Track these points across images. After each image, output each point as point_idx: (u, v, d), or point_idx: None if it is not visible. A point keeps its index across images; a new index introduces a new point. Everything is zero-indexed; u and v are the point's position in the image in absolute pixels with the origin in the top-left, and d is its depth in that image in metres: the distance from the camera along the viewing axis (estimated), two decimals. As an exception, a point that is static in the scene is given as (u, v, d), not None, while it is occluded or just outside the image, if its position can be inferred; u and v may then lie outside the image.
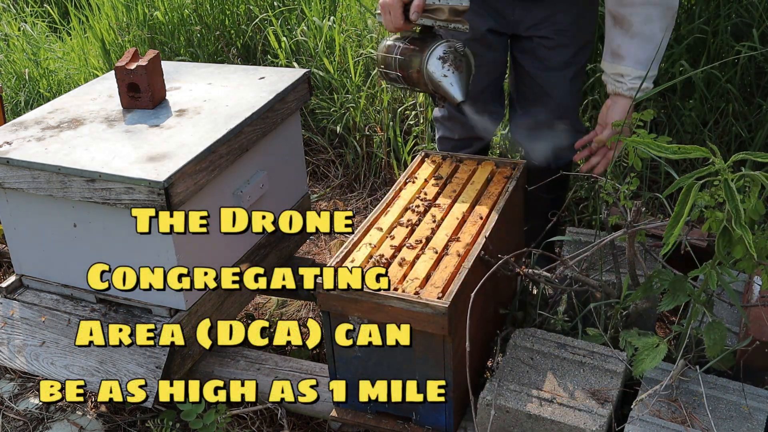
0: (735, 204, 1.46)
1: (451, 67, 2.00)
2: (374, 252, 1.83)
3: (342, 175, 3.52)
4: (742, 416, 1.68)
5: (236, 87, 2.30)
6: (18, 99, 4.07)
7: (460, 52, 2.01)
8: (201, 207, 2.00)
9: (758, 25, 2.72)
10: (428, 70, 2.01)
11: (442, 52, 2.01)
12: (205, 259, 2.05)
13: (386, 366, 1.78)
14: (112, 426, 2.22)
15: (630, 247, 1.90)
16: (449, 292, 1.66)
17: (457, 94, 2.00)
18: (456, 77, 2.00)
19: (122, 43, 4.05)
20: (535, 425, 1.71)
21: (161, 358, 1.97)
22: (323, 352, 2.43)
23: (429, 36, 2.07)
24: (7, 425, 2.24)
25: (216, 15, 3.92)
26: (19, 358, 2.12)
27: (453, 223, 1.90)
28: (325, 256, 3.03)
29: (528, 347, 1.89)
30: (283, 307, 2.74)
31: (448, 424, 1.79)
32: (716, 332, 1.68)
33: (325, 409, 2.02)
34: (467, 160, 2.17)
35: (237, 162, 2.11)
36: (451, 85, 2.00)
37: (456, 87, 2.00)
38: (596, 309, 2.01)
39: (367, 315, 1.72)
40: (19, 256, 2.19)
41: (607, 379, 1.78)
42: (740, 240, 1.54)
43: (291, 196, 2.44)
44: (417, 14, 2.01)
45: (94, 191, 1.91)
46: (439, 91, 2.03)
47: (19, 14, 4.81)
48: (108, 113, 2.20)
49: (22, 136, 2.08)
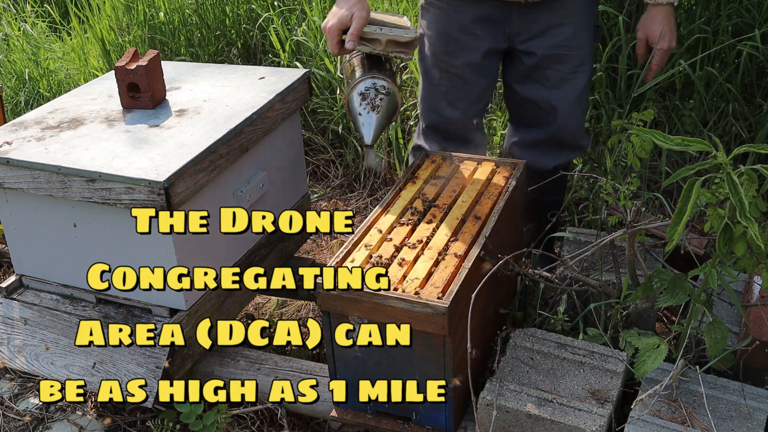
0: (739, 196, 1.45)
1: (368, 107, 1.94)
2: (374, 252, 1.83)
3: (342, 175, 3.51)
4: (742, 416, 1.68)
5: (236, 87, 2.30)
6: (18, 99, 4.07)
7: (383, 92, 1.95)
8: (201, 207, 2.00)
9: (759, 25, 2.72)
10: (348, 103, 1.97)
11: (363, 89, 1.96)
12: (205, 259, 2.05)
13: (386, 366, 1.78)
14: (112, 426, 2.22)
15: (630, 247, 1.90)
16: (449, 292, 1.66)
17: (366, 136, 1.94)
18: (369, 118, 1.94)
19: (122, 44, 4.05)
20: (535, 425, 1.71)
21: (161, 358, 1.97)
22: (323, 352, 2.43)
23: (374, 63, 2.02)
24: (7, 425, 2.24)
25: (217, 15, 3.92)
26: (19, 358, 2.12)
27: (453, 223, 1.90)
28: (325, 256, 3.02)
29: (528, 347, 1.88)
30: (283, 307, 2.74)
31: (448, 424, 1.79)
32: (717, 332, 1.68)
33: (325, 409, 2.02)
34: (467, 160, 2.18)
35: (237, 162, 2.11)
36: (362, 125, 1.94)
37: (367, 128, 1.94)
38: (596, 309, 2.01)
39: (367, 315, 1.72)
40: (19, 256, 2.19)
41: (607, 379, 1.78)
42: (741, 237, 1.54)
43: (291, 196, 2.44)
44: (352, 43, 1.99)
45: (94, 191, 1.91)
46: (355, 126, 1.98)
47: (19, 14, 4.81)
48: (108, 113, 2.20)
49: (22, 136, 2.08)
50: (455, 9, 2.22)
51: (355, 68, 2.07)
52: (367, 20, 2.01)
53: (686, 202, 1.51)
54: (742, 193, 1.45)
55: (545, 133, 2.33)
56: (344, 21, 1.99)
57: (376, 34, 1.99)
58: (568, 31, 2.21)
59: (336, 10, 2.03)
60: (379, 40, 1.99)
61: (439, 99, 2.34)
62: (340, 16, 2.00)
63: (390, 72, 2.06)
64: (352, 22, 1.99)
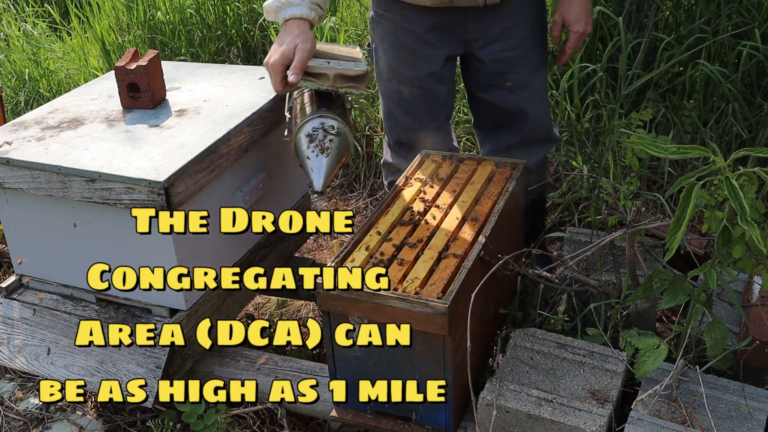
0: (739, 201, 1.45)
1: (316, 149, 1.79)
2: (374, 252, 1.83)
3: (342, 175, 3.52)
4: (742, 416, 1.68)
5: (236, 87, 2.30)
6: (18, 99, 4.07)
7: (333, 132, 1.81)
8: (201, 207, 2.00)
9: (759, 25, 2.72)
10: (295, 146, 1.84)
11: (311, 129, 1.82)
12: (205, 259, 2.05)
13: (386, 366, 1.78)
14: (112, 426, 2.22)
15: (630, 247, 1.90)
16: (449, 292, 1.66)
17: (315, 182, 1.79)
18: (319, 162, 1.79)
19: (122, 43, 4.05)
20: (535, 425, 1.71)
21: (161, 358, 1.97)
22: (323, 352, 2.43)
23: (323, 100, 1.90)
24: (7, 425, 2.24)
25: (218, 14, 3.92)
26: (19, 358, 2.12)
27: (453, 223, 1.90)
28: (325, 256, 3.03)
29: (528, 347, 1.88)
30: (283, 307, 2.74)
31: (448, 424, 1.79)
32: (717, 332, 1.68)
33: (325, 409, 2.02)
34: (467, 160, 2.17)
35: (237, 162, 2.11)
36: (311, 169, 1.80)
37: (316, 173, 1.79)
38: (596, 309, 2.01)
39: (367, 315, 1.72)
40: (19, 256, 2.19)
41: (607, 379, 1.78)
42: (740, 239, 1.54)
43: (291, 196, 2.44)
44: (295, 76, 1.89)
45: (94, 191, 1.91)
46: (304, 170, 1.84)
47: (19, 14, 4.81)
48: (108, 113, 2.20)
49: (22, 136, 2.08)
50: (408, 20, 2.17)
51: (303, 106, 1.95)
52: (312, 52, 1.92)
53: (685, 209, 1.51)
54: (742, 197, 1.45)
55: (518, 136, 2.31)
56: (287, 55, 1.91)
57: (323, 68, 1.87)
58: (524, 31, 2.20)
59: (276, 46, 1.95)
60: (327, 74, 1.87)
61: (403, 114, 2.30)
62: (282, 51, 1.92)
63: (341, 110, 1.93)
64: (295, 56, 1.90)
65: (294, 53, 1.91)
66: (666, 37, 2.88)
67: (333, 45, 2.15)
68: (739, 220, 1.45)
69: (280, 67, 1.93)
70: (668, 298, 1.72)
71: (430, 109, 2.29)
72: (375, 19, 2.26)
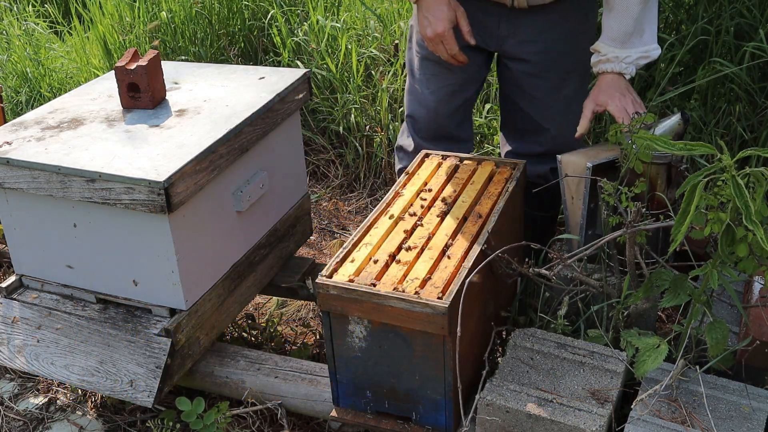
0: (744, 200, 1.45)
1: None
2: (374, 252, 1.83)
3: (342, 175, 3.51)
4: (742, 416, 1.68)
5: (236, 87, 2.30)
6: (18, 99, 4.07)
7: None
8: (201, 207, 2.00)
9: (762, 25, 2.71)
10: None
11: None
12: (205, 259, 2.05)
13: (386, 366, 1.78)
14: (112, 426, 2.22)
15: (630, 247, 1.90)
16: (449, 292, 1.66)
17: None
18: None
19: (124, 42, 4.05)
20: (535, 425, 1.70)
21: (161, 358, 1.97)
22: (323, 352, 2.43)
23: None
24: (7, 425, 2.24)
25: (222, 14, 3.92)
26: (19, 358, 2.12)
27: (453, 223, 1.90)
28: (325, 257, 3.03)
29: (528, 347, 1.88)
30: (283, 307, 2.74)
31: (448, 424, 1.79)
32: (718, 332, 1.68)
33: (325, 409, 2.02)
34: (467, 160, 2.17)
35: (237, 162, 2.11)
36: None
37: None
38: (598, 310, 2.01)
39: (367, 315, 1.72)
40: (19, 256, 2.19)
41: (607, 379, 1.78)
42: (743, 239, 1.53)
43: (291, 196, 2.44)
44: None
45: (94, 191, 1.91)
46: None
47: (20, 13, 4.81)
48: (108, 113, 2.20)
49: (22, 136, 2.08)
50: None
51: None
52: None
53: (690, 202, 1.51)
54: (747, 197, 1.44)
55: (540, 147, 2.30)
56: (452, 19, 2.03)
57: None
58: (558, 38, 2.17)
59: (432, 17, 2.03)
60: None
61: (421, 87, 2.31)
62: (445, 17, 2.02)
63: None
64: (459, 20, 2.02)
65: (457, 18, 2.04)
66: (668, 37, 2.88)
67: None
68: (744, 219, 1.44)
69: (451, 32, 2.02)
70: (670, 297, 1.72)
71: (444, 88, 2.28)
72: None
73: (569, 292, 2.04)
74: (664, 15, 3.08)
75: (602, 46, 2.03)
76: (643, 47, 2.00)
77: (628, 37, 1.97)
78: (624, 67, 2.01)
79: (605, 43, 2.02)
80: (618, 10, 1.97)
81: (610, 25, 1.99)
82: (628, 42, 1.98)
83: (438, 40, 2.03)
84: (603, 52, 2.02)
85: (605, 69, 2.03)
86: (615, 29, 1.98)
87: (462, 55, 2.08)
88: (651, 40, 2.01)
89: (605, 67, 2.03)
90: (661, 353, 1.69)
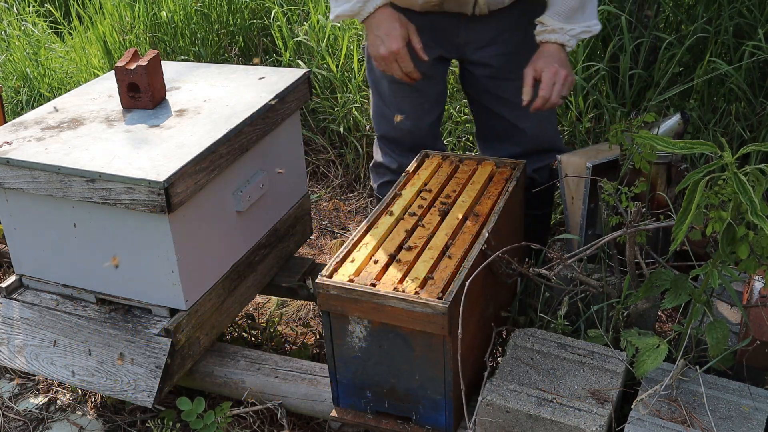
0: (748, 195, 1.44)
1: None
2: (374, 252, 1.83)
3: (342, 175, 3.51)
4: (742, 416, 1.68)
5: (236, 87, 2.30)
6: (18, 99, 4.07)
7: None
8: (201, 207, 2.00)
9: (762, 24, 2.72)
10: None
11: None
12: (205, 259, 2.05)
13: (386, 366, 1.78)
14: (112, 426, 2.22)
15: (630, 247, 1.90)
16: (449, 292, 1.66)
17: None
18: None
19: (124, 42, 4.05)
20: (535, 425, 1.70)
21: (161, 358, 1.97)
22: (323, 352, 2.43)
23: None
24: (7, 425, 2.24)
25: (223, 14, 3.92)
26: (19, 358, 2.12)
27: (453, 223, 1.90)
28: (325, 257, 3.02)
29: (528, 347, 1.88)
30: (283, 307, 2.74)
31: (448, 424, 1.79)
32: (718, 331, 1.68)
33: (325, 409, 2.02)
34: (467, 160, 2.17)
35: (237, 162, 2.11)
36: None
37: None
38: (598, 310, 2.01)
39: (367, 315, 1.72)
40: (19, 256, 2.19)
41: (607, 379, 1.78)
42: (744, 239, 1.53)
43: (291, 196, 2.44)
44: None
45: (94, 191, 1.91)
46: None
47: (20, 14, 4.81)
48: (108, 113, 2.20)
49: (22, 136, 2.08)
50: None
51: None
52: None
53: (691, 201, 1.51)
54: (751, 192, 1.44)
55: (519, 147, 2.30)
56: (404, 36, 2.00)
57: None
58: (518, 36, 2.17)
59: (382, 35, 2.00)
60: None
61: (392, 110, 2.31)
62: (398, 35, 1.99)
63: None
64: (411, 37, 2.00)
65: (409, 35, 2.01)
66: (667, 36, 2.88)
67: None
68: (749, 214, 1.44)
69: (405, 49, 1.99)
70: (671, 297, 1.72)
71: (418, 108, 2.29)
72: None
73: (569, 292, 2.04)
74: (664, 15, 3.08)
75: (548, 19, 2.05)
76: (586, 22, 2.05)
77: (574, 12, 2.01)
78: (567, 39, 2.04)
79: (551, 17, 2.04)
80: None
81: (556, 1, 2.03)
82: (573, 17, 2.02)
83: (392, 59, 2.00)
84: (548, 24, 2.04)
85: (549, 39, 2.06)
86: (561, 4, 2.02)
87: (416, 72, 2.05)
88: (592, 17, 2.06)
89: (549, 36, 2.05)
90: (661, 353, 1.69)
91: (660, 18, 3.05)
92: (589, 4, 2.04)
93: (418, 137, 2.34)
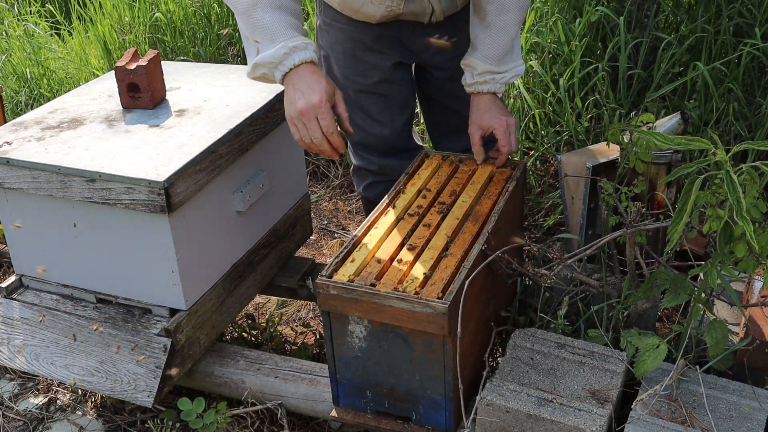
0: (736, 195, 1.45)
1: None
2: (374, 252, 1.83)
3: (342, 175, 3.51)
4: (742, 416, 1.68)
5: (236, 87, 2.30)
6: (18, 99, 4.07)
7: None
8: (201, 207, 2.00)
9: (760, 24, 2.72)
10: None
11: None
12: (205, 259, 2.05)
13: (386, 366, 1.78)
14: (112, 426, 2.22)
15: (630, 247, 1.90)
16: (449, 292, 1.66)
17: None
18: None
19: (124, 42, 4.05)
20: (535, 425, 1.70)
21: (161, 358, 1.97)
22: (323, 352, 2.43)
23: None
24: (7, 425, 2.25)
25: (223, 14, 3.92)
26: (19, 358, 2.12)
27: (453, 223, 1.90)
28: (325, 257, 3.03)
29: (528, 347, 1.88)
30: (283, 307, 2.74)
31: (448, 424, 1.79)
32: (718, 331, 1.68)
33: (325, 409, 2.02)
34: (467, 160, 2.17)
35: (237, 162, 2.11)
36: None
37: None
38: (598, 310, 2.01)
39: (367, 315, 1.72)
40: (19, 256, 2.19)
41: (607, 379, 1.78)
42: (741, 237, 1.54)
43: (291, 196, 2.44)
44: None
45: (94, 191, 1.91)
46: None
47: (20, 14, 4.81)
48: (108, 113, 2.20)
49: (22, 136, 2.08)
50: (356, 30, 2.17)
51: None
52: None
53: (686, 202, 1.51)
54: (740, 192, 1.45)
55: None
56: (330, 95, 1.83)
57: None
58: (467, 37, 2.13)
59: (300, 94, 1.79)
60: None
61: (363, 117, 2.31)
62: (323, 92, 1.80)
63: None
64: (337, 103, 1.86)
65: (335, 99, 1.85)
66: (666, 36, 2.88)
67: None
68: (735, 215, 1.45)
69: (328, 106, 1.80)
70: (670, 297, 1.72)
71: (387, 112, 2.30)
72: (323, 28, 2.26)
73: (569, 292, 2.04)
74: (664, 15, 3.08)
75: (478, 62, 2.02)
76: (514, 63, 2.04)
77: (504, 54, 2.00)
78: (499, 87, 2.05)
79: (481, 60, 2.01)
80: (495, 29, 1.98)
81: (486, 43, 1.99)
82: (504, 59, 2.01)
83: (312, 114, 1.78)
84: (479, 70, 2.02)
85: (482, 90, 2.05)
86: (492, 48, 1.99)
87: (337, 136, 1.84)
88: (518, 56, 2.06)
89: (482, 87, 2.05)
90: (661, 353, 1.69)
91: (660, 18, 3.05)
92: (516, 43, 2.02)
93: (391, 140, 2.35)
